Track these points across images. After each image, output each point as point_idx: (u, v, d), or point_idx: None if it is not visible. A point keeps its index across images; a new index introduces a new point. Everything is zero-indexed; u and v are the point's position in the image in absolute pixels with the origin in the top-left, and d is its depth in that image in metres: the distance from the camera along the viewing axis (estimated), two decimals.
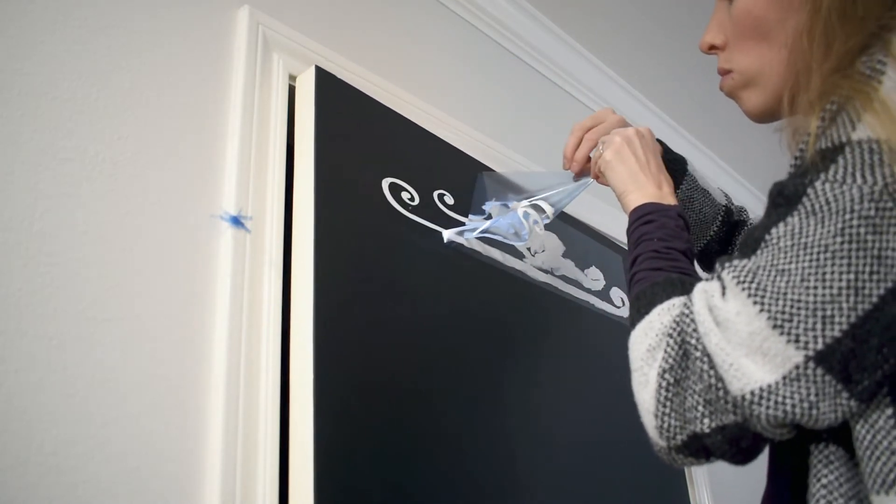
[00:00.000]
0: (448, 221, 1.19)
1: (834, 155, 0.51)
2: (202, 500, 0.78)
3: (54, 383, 0.72)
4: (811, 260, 0.50)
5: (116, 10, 0.92)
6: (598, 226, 1.67)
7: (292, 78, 1.10)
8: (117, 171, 0.85)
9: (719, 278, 0.56)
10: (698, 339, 0.55)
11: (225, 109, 1.00)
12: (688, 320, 0.57)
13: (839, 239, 0.49)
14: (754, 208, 2.37)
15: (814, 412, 0.49)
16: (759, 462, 0.61)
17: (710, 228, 0.94)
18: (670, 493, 1.52)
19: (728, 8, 0.70)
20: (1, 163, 0.75)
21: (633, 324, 0.64)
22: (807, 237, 0.51)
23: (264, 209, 0.97)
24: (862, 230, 0.49)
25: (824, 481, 0.53)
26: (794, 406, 0.49)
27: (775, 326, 0.50)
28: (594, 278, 1.49)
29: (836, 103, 0.53)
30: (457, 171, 1.28)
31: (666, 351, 0.57)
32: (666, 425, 0.56)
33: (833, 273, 0.49)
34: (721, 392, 0.52)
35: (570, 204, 1.09)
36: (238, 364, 0.85)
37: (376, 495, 0.88)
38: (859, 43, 0.56)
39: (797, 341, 0.49)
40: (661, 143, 0.96)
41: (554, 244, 1.43)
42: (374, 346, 0.97)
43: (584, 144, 0.93)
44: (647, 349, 0.59)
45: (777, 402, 0.49)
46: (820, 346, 0.49)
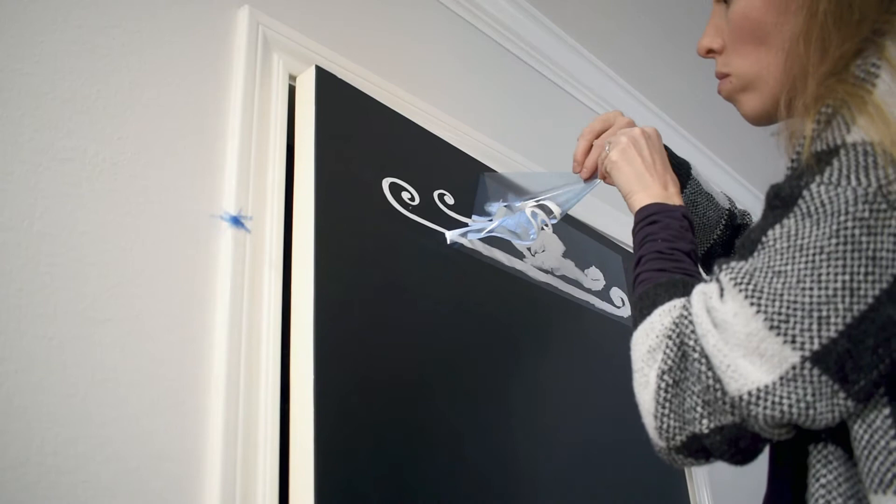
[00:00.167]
0: (448, 221, 1.19)
1: (829, 157, 0.52)
2: (202, 500, 0.78)
3: (54, 383, 0.72)
4: (807, 261, 0.50)
5: (116, 10, 0.92)
6: (598, 226, 1.67)
7: (292, 78, 1.10)
8: (117, 171, 0.85)
9: (717, 280, 0.56)
10: (696, 341, 0.55)
11: (225, 109, 1.00)
12: (686, 322, 0.57)
13: (834, 240, 0.50)
14: (754, 208, 2.37)
15: (811, 412, 0.50)
16: (759, 462, 0.61)
17: (714, 232, 0.94)
18: (670, 493, 1.52)
19: (725, 12, 0.70)
20: (1, 163, 0.75)
21: (636, 324, 0.64)
22: (802, 239, 0.51)
23: (264, 209, 0.97)
24: (857, 231, 0.49)
25: (823, 481, 0.53)
26: (791, 406, 0.50)
27: (772, 327, 0.50)
28: (594, 278, 1.49)
29: (831, 106, 0.54)
30: (457, 171, 1.28)
31: (665, 352, 0.58)
32: (665, 426, 0.57)
33: (829, 274, 0.49)
34: (719, 393, 0.53)
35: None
36: (238, 364, 0.85)
37: (376, 495, 0.88)
38: (854, 47, 0.56)
39: (793, 342, 0.50)
40: (665, 148, 0.96)
41: (554, 244, 1.43)
42: (375, 346, 0.97)
43: (595, 151, 0.93)
44: (648, 350, 0.60)
45: (774, 403, 0.50)
46: (816, 347, 0.49)
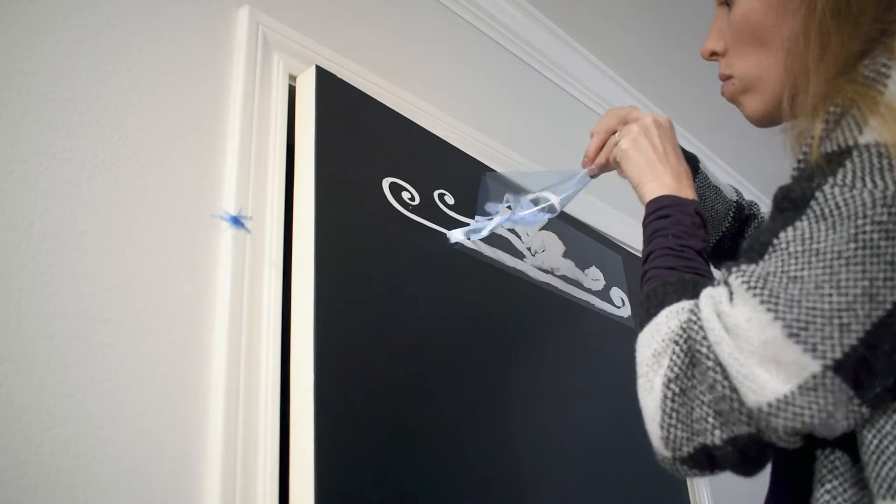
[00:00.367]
0: (449, 221, 1.19)
1: (841, 158, 0.51)
2: (202, 500, 0.78)
3: (54, 383, 0.72)
4: (824, 266, 0.49)
5: (116, 10, 0.92)
6: (598, 226, 1.67)
7: (292, 78, 1.10)
8: (117, 171, 0.85)
9: (726, 283, 0.55)
10: (709, 348, 0.53)
11: (225, 109, 1.00)
12: (696, 327, 0.55)
13: (853, 245, 0.48)
14: None
15: (831, 421, 0.49)
16: None
17: (722, 225, 0.95)
18: (670, 494, 1.52)
19: (727, 15, 0.70)
20: (1, 163, 0.75)
21: (642, 324, 0.62)
22: (818, 243, 0.50)
23: (264, 209, 0.97)
24: (875, 235, 0.48)
25: (828, 486, 0.52)
26: (813, 416, 0.48)
27: (790, 335, 0.49)
28: (594, 278, 1.49)
29: (840, 106, 0.53)
30: (457, 171, 1.28)
31: (672, 359, 0.56)
32: (672, 436, 0.55)
33: (848, 280, 0.48)
34: (735, 403, 0.51)
35: (570, 204, 1.09)
36: (238, 364, 0.85)
37: (376, 496, 0.88)
38: (859, 46, 0.55)
39: (814, 350, 0.48)
40: None
41: (554, 244, 1.43)
42: (375, 346, 0.97)
43: (606, 149, 0.91)
44: (653, 354, 0.58)
45: (795, 414, 0.49)
46: (838, 355, 0.48)
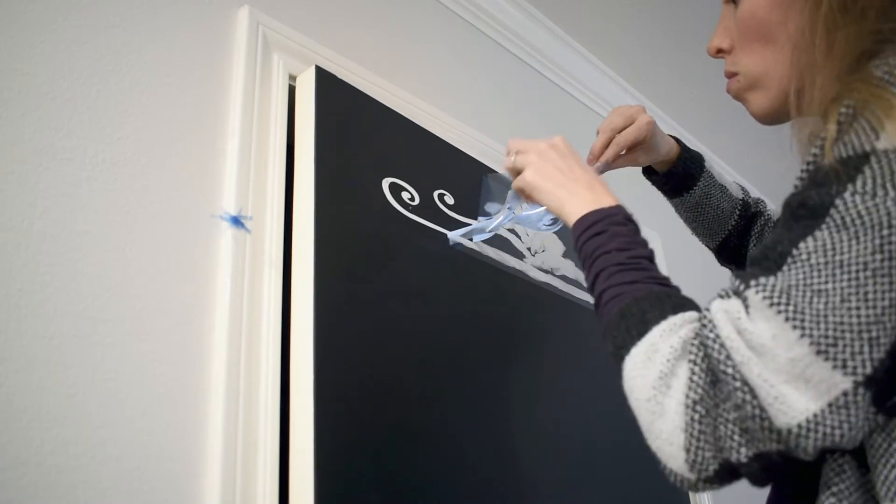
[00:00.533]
0: (448, 221, 1.19)
1: (859, 164, 0.49)
2: (202, 501, 0.78)
3: (54, 383, 0.72)
4: (850, 279, 0.47)
5: (116, 10, 0.92)
6: None
7: (292, 78, 1.10)
8: (117, 171, 0.85)
9: (739, 295, 0.53)
10: (735, 368, 0.50)
11: (225, 109, 1.00)
12: (716, 345, 0.52)
13: (879, 256, 0.47)
14: None
15: (858, 435, 0.48)
16: None
17: (729, 223, 0.94)
18: (670, 493, 1.52)
19: (734, 12, 0.70)
20: (1, 163, 0.75)
21: (626, 347, 0.58)
22: (842, 254, 0.48)
23: (264, 209, 0.97)
24: None
25: (834, 489, 0.52)
26: (843, 435, 0.47)
27: (819, 352, 0.47)
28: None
29: (852, 107, 0.51)
30: (457, 171, 1.28)
31: (692, 379, 0.53)
32: (699, 458, 0.52)
33: (876, 292, 0.47)
34: (766, 423, 0.49)
35: None
36: (238, 364, 0.85)
37: (376, 496, 0.88)
38: (867, 44, 0.55)
39: (844, 367, 0.47)
40: (677, 140, 0.97)
41: (554, 244, 1.43)
42: (375, 346, 0.97)
43: (612, 148, 0.91)
44: (659, 376, 0.54)
45: (826, 434, 0.47)
46: (869, 371, 0.47)
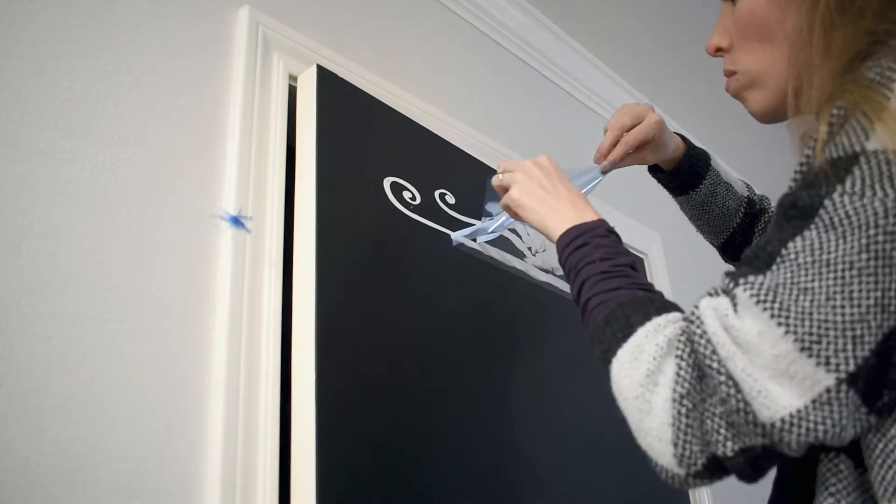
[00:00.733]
0: (449, 220, 1.19)
1: (848, 165, 0.50)
2: (202, 501, 0.78)
3: (54, 383, 0.72)
4: (836, 277, 0.48)
5: (117, 10, 0.92)
6: None
7: (292, 78, 1.10)
8: (117, 171, 0.85)
9: (727, 294, 0.53)
10: (720, 363, 0.51)
11: (225, 109, 1.00)
12: (702, 341, 0.53)
13: (864, 255, 0.48)
14: None
15: (843, 433, 0.48)
16: None
17: (734, 220, 0.94)
18: (671, 493, 1.52)
19: (733, 11, 0.70)
20: (1, 163, 0.75)
21: (612, 350, 0.59)
22: (829, 253, 0.49)
23: (264, 209, 0.97)
24: (887, 245, 0.47)
25: (832, 489, 0.52)
26: (826, 431, 0.48)
27: (803, 349, 0.48)
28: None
29: (844, 109, 0.52)
30: (458, 171, 1.28)
31: (678, 374, 0.54)
32: (688, 453, 0.53)
33: (861, 291, 0.47)
34: (750, 416, 0.50)
35: None
36: (238, 364, 0.85)
37: (378, 496, 0.88)
38: (863, 44, 0.55)
39: (827, 364, 0.47)
40: (684, 138, 0.96)
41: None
42: (376, 345, 0.97)
43: (620, 147, 0.91)
44: (646, 374, 0.55)
45: (809, 429, 0.48)
46: (852, 368, 0.47)
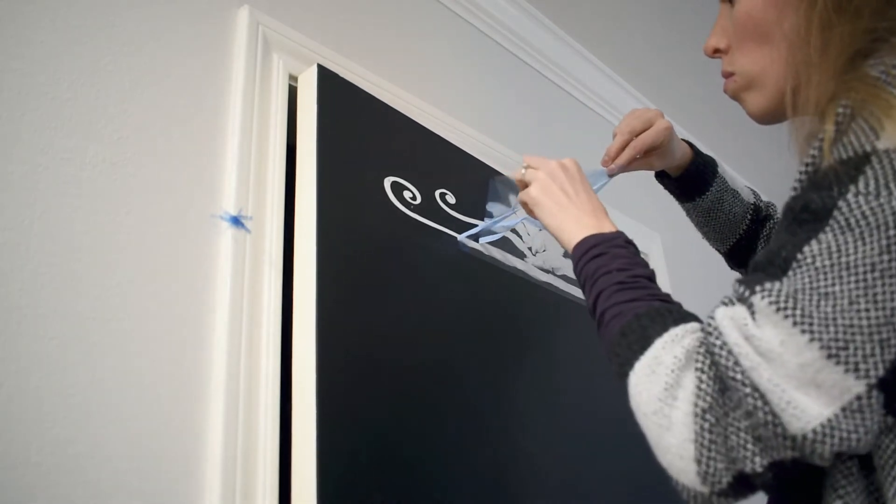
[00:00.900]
0: (450, 220, 1.19)
1: (860, 165, 0.49)
2: (202, 500, 0.78)
3: (54, 383, 0.72)
4: (857, 280, 0.47)
5: (116, 11, 0.92)
6: None
7: (292, 78, 1.10)
8: (117, 171, 0.85)
9: (743, 301, 0.52)
10: (744, 374, 0.50)
11: (225, 109, 1.00)
12: (723, 352, 0.51)
13: (886, 257, 0.47)
14: None
15: (872, 438, 0.47)
16: None
17: (740, 227, 0.94)
18: (670, 494, 1.52)
19: (731, 12, 0.70)
20: (1, 163, 0.75)
21: (629, 363, 0.58)
22: (848, 256, 0.48)
23: (264, 209, 0.97)
24: None
25: (841, 492, 0.51)
26: (860, 438, 0.47)
27: (830, 356, 0.46)
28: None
29: (850, 107, 0.51)
30: (459, 171, 1.28)
31: (699, 387, 0.52)
32: (712, 470, 0.51)
33: (885, 293, 0.46)
34: (779, 429, 0.48)
35: None
36: (238, 364, 0.85)
37: (379, 496, 0.88)
38: (863, 42, 0.55)
39: (856, 370, 0.46)
40: (691, 145, 0.96)
41: (555, 244, 1.43)
42: (376, 345, 0.97)
43: (629, 151, 0.90)
44: (664, 388, 0.53)
45: (842, 438, 0.46)
46: (881, 373, 0.46)
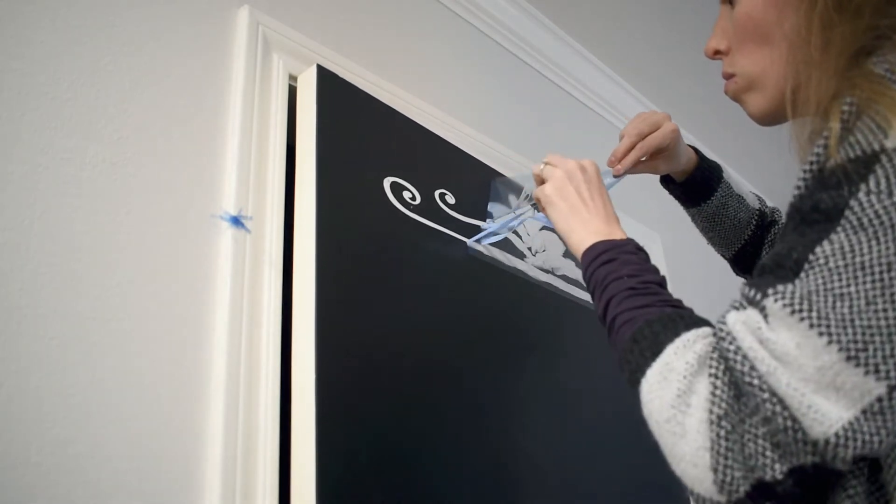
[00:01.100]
0: (450, 221, 1.19)
1: (869, 164, 0.48)
2: (202, 500, 0.78)
3: (54, 383, 0.72)
4: (874, 280, 0.46)
5: (116, 11, 0.92)
6: None
7: (292, 78, 1.10)
8: (117, 171, 0.85)
9: (755, 305, 0.51)
10: (761, 379, 0.49)
11: (225, 109, 1.00)
12: (738, 357, 0.51)
13: None
14: None
15: (892, 440, 0.47)
16: None
17: (745, 233, 0.94)
18: (674, 493, 1.52)
19: (731, 13, 0.70)
20: (1, 163, 0.75)
21: (640, 370, 0.57)
22: (862, 256, 0.47)
23: (264, 209, 0.97)
24: None
25: (851, 491, 0.51)
26: (882, 441, 0.46)
27: (849, 358, 0.46)
28: (585, 283, 1.49)
29: (855, 104, 0.51)
30: (458, 171, 1.28)
31: (714, 393, 0.51)
32: (729, 478, 0.49)
33: None
34: (799, 434, 0.47)
35: None
36: (238, 364, 0.85)
37: (379, 497, 0.88)
38: (864, 40, 0.54)
39: (877, 372, 0.46)
40: (696, 150, 0.96)
41: (555, 244, 1.43)
42: (376, 345, 0.97)
43: (636, 152, 0.90)
44: (677, 394, 0.52)
45: (864, 441, 0.46)
46: None
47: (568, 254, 1.45)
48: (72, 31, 0.86)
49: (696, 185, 0.95)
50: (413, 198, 1.14)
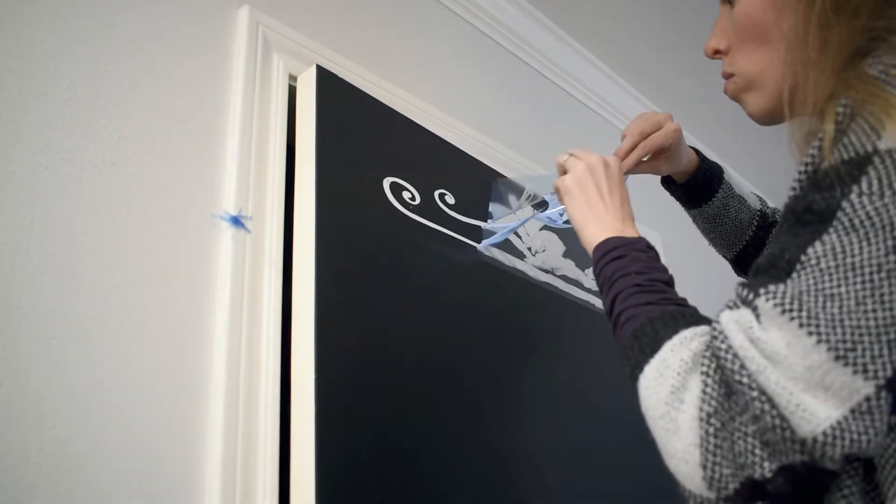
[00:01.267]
0: (449, 221, 1.19)
1: (862, 165, 0.49)
2: (202, 500, 0.78)
3: (54, 383, 0.72)
4: (864, 281, 0.47)
5: (116, 11, 0.92)
6: None
7: (292, 78, 1.10)
8: (117, 171, 0.85)
9: (747, 304, 0.52)
10: (751, 377, 0.49)
11: (225, 109, 1.00)
12: (728, 355, 0.51)
13: (892, 257, 0.47)
14: None
15: (881, 440, 0.47)
16: None
17: (746, 233, 0.94)
18: (671, 493, 1.52)
19: (731, 13, 0.70)
20: (1, 163, 0.75)
21: (640, 366, 0.58)
22: (853, 257, 0.48)
23: (264, 209, 0.97)
24: None
25: (846, 491, 0.51)
26: (870, 440, 0.46)
27: (838, 357, 0.46)
28: (594, 278, 1.49)
29: (850, 106, 0.51)
30: (458, 171, 1.28)
31: (704, 391, 0.52)
32: (717, 475, 0.50)
33: (892, 294, 0.46)
34: (787, 433, 0.48)
35: None
36: (238, 364, 0.85)
37: (379, 497, 0.88)
38: (861, 42, 0.55)
39: (865, 371, 0.46)
40: (697, 151, 0.96)
41: (554, 244, 1.43)
42: (376, 346, 0.97)
43: (638, 151, 0.90)
44: (671, 391, 0.53)
45: (853, 440, 0.46)
46: (889, 374, 0.46)
47: (568, 254, 1.45)
48: (72, 31, 0.86)
49: (698, 187, 0.95)
50: (413, 198, 1.14)
